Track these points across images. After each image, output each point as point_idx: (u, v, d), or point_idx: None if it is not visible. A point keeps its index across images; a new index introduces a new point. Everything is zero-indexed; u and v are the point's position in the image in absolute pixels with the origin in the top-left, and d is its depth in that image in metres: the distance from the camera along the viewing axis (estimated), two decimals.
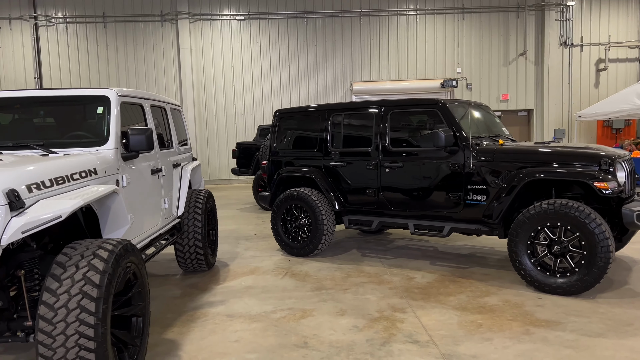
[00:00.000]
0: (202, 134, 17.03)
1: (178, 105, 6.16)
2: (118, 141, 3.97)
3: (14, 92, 4.18)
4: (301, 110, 6.90)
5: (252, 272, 5.89)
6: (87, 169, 3.49)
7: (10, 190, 2.68)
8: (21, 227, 2.65)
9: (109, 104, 4.06)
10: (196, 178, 6.31)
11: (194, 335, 4.04)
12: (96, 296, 2.72)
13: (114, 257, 2.92)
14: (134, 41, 16.75)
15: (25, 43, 16.53)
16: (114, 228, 3.63)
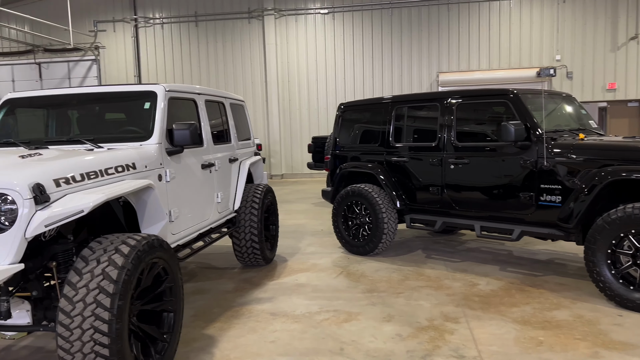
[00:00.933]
0: (286, 128, 17.26)
1: (240, 100, 6.18)
2: (162, 136, 4.01)
3: (72, 89, 4.39)
4: (365, 102, 6.64)
5: (308, 269, 5.77)
6: (125, 163, 3.55)
7: (35, 184, 2.76)
8: (44, 220, 2.72)
9: (155, 99, 4.12)
10: (257, 173, 6.32)
11: (233, 333, 3.99)
12: (112, 292, 2.73)
13: (135, 253, 2.92)
14: (223, 38, 17.34)
15: (126, 44, 17.78)
16: (151, 222, 3.67)
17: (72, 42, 16.39)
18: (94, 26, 17.62)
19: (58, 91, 4.34)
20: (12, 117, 4.41)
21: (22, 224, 2.70)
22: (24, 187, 2.72)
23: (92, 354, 2.67)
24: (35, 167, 2.93)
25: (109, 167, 3.39)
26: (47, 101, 4.43)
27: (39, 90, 4.46)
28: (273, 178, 17.09)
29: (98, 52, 17.94)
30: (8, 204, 2.74)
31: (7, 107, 4.38)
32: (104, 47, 17.93)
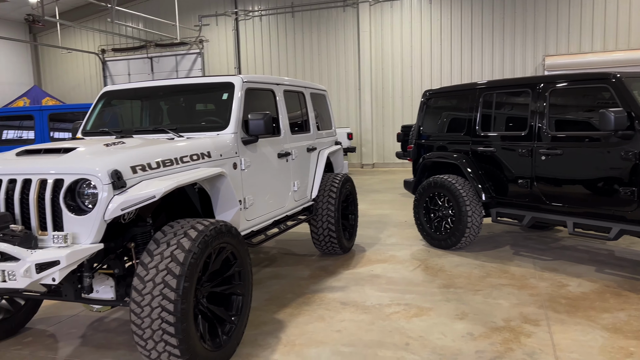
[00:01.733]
0: (378, 116, 17.09)
1: (321, 90, 6.20)
2: (238, 126, 4.14)
3: (159, 81, 4.67)
4: (451, 89, 6.36)
5: (385, 260, 5.69)
6: (200, 152, 3.72)
7: (114, 171, 2.99)
8: (120, 204, 2.94)
9: (232, 90, 4.26)
10: (337, 162, 6.32)
11: (301, 319, 4.06)
12: (178, 273, 2.89)
13: (202, 238, 3.06)
14: (318, 28, 17.51)
15: (227, 36, 18.61)
16: (224, 209, 3.82)
17: (178, 36, 17.48)
18: (198, 21, 18.64)
19: (146, 84, 4.65)
20: (109, 108, 4.80)
21: (102, 207, 2.93)
22: (104, 173, 2.95)
23: (159, 331, 2.86)
24: (115, 155, 3.17)
25: (184, 156, 3.57)
26: (137, 93, 4.76)
27: (131, 83, 4.80)
28: (364, 167, 17.05)
29: (202, 45, 18.98)
30: (90, 189, 2.99)
31: (104, 99, 4.78)
32: (207, 41, 18.92)
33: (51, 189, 2.98)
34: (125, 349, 3.63)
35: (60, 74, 21.46)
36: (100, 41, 20.37)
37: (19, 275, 2.79)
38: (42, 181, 3.02)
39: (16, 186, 3.04)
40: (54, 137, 7.70)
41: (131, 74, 20.18)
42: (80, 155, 3.16)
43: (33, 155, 3.28)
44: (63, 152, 3.26)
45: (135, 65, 20.06)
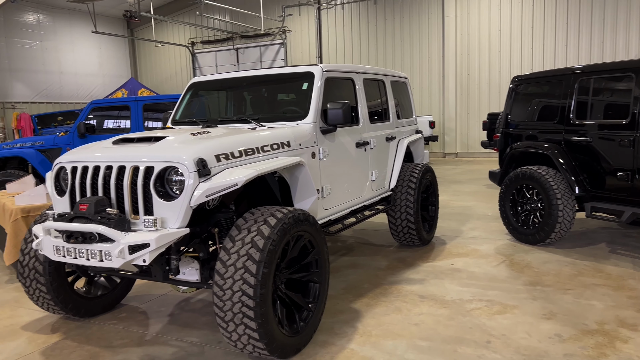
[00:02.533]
0: (463, 104, 16.48)
1: (402, 77, 6.07)
2: (317, 115, 4.16)
3: (242, 72, 4.79)
4: (542, 75, 5.97)
5: (467, 254, 5.50)
6: (280, 141, 3.78)
7: (199, 159, 3.12)
8: (205, 191, 3.06)
9: (312, 80, 4.28)
10: (418, 152, 6.18)
11: (378, 310, 4.03)
12: (258, 259, 2.97)
13: (280, 225, 3.12)
14: (401, 14, 17.16)
15: (310, 26, 18.76)
16: (302, 198, 3.86)
17: (263, 27, 17.89)
18: (282, 11, 18.94)
19: (230, 74, 4.79)
20: (196, 99, 5.01)
21: (188, 193, 3.07)
22: (190, 161, 3.09)
23: (239, 314, 2.96)
24: (200, 144, 3.30)
25: (265, 145, 3.65)
26: (222, 84, 4.93)
27: (217, 74, 4.97)
28: (447, 157, 16.57)
29: (285, 35, 19.29)
30: (178, 176, 3.14)
31: (192, 90, 4.99)
32: (290, 31, 19.20)
33: (142, 175, 3.17)
34: (209, 330, 3.80)
35: (154, 67, 22.80)
36: (190, 34, 21.35)
37: (114, 256, 3.00)
38: (134, 168, 3.21)
39: (112, 172, 3.26)
40: (147, 126, 8.20)
41: (218, 65, 20.99)
42: (169, 144, 3.32)
43: (127, 144, 3.49)
44: (153, 141, 3.45)
45: (222, 57, 20.82)
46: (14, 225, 5.03)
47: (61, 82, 20.07)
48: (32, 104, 18.96)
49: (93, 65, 21.27)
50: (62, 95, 20.13)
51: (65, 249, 3.18)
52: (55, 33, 19.77)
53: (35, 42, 19.16)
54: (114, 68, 22.17)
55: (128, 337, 3.73)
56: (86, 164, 3.37)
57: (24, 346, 3.62)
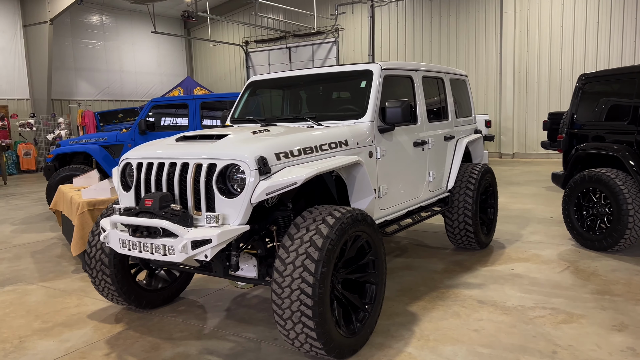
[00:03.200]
0: (521, 103, 15.93)
1: (462, 75, 5.91)
2: (375, 114, 4.11)
3: (301, 71, 4.80)
4: (612, 72, 5.65)
5: (527, 259, 5.29)
6: (338, 140, 3.76)
7: (260, 157, 3.14)
8: (265, 189, 3.08)
9: (371, 78, 4.23)
10: (476, 151, 6.01)
11: (435, 314, 3.94)
12: (317, 258, 2.95)
13: (339, 225, 3.09)
14: (457, 11, 16.77)
15: (362, 24, 18.66)
16: (359, 197, 3.82)
17: (315, 26, 17.94)
18: (335, 10, 18.92)
19: (288, 73, 4.81)
20: (254, 97, 5.07)
21: (249, 191, 3.10)
22: (252, 159, 3.11)
23: (297, 313, 2.95)
24: (261, 142, 3.33)
25: (324, 144, 3.63)
26: (280, 82, 4.95)
27: (275, 72, 5.00)
28: (503, 157, 16.06)
29: (337, 34, 19.27)
30: (239, 173, 3.18)
31: (250, 88, 5.05)
32: (342, 29, 19.17)
33: (205, 172, 3.22)
34: (265, 326, 3.83)
35: (209, 65, 23.36)
36: (243, 34, 21.72)
37: (177, 251, 3.07)
38: (197, 165, 3.27)
39: (176, 169, 3.33)
40: (204, 124, 8.39)
41: (271, 64, 21.24)
42: (231, 142, 3.36)
43: (190, 142, 3.57)
44: (215, 139, 3.50)
45: (275, 56, 21.06)
46: (80, 218, 5.26)
47: (122, 81, 20.91)
48: (94, 102, 19.86)
49: (152, 64, 22.03)
50: (123, 93, 20.96)
51: (130, 242, 3.29)
52: (117, 33, 20.61)
53: (98, 42, 20.04)
54: (171, 67, 22.87)
55: (187, 330, 3.82)
56: (151, 161, 3.47)
57: (91, 334, 3.77)
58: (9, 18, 17.13)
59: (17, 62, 17.42)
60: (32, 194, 11.73)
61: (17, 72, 17.45)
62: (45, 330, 3.88)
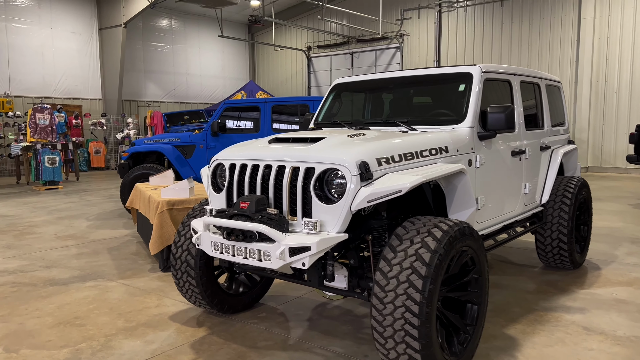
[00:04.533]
0: (597, 113, 15.04)
1: (556, 81, 5.52)
2: (475, 120, 3.85)
3: (389, 73, 4.59)
4: None
5: (629, 283, 4.83)
6: (438, 146, 3.52)
7: (362, 162, 2.95)
8: (367, 196, 2.89)
9: (471, 81, 3.97)
10: (570, 163, 5.60)
11: (538, 339, 3.60)
12: (424, 274, 2.72)
13: (447, 238, 2.85)
14: (530, 17, 16.08)
15: (429, 30, 18.26)
16: (459, 209, 3.56)
17: (381, 31, 17.71)
18: (400, 15, 18.63)
19: (378, 75, 4.61)
20: (338, 100, 4.90)
21: (349, 197, 2.92)
22: (353, 164, 2.93)
23: (401, 332, 2.73)
24: (361, 146, 3.14)
25: (424, 150, 3.41)
26: (367, 85, 4.76)
27: (362, 75, 4.82)
28: None
29: (402, 39, 18.96)
30: (338, 179, 3.00)
31: (335, 91, 4.89)
32: (407, 35, 18.84)
33: (302, 176, 3.07)
34: (351, 340, 3.63)
35: (271, 70, 23.59)
36: (306, 39, 21.78)
37: (274, 257, 2.92)
38: (294, 168, 3.12)
39: (271, 172, 3.20)
40: (275, 128, 8.34)
41: (332, 69, 21.19)
42: (329, 145, 3.19)
43: (285, 144, 3.43)
44: (310, 142, 3.34)
45: (337, 61, 20.98)
46: (160, 217, 5.26)
47: (187, 83, 21.45)
48: (161, 103, 20.46)
49: (216, 68, 22.48)
50: (188, 95, 21.50)
51: (223, 245, 3.18)
52: (185, 37, 21.18)
53: (167, 45, 20.65)
54: (234, 71, 23.27)
55: (271, 339, 3.67)
56: (245, 162, 3.35)
57: (174, 337, 3.70)
58: (86, 21, 17.94)
59: (91, 64, 18.20)
60: (104, 191, 12.11)
61: (91, 73, 18.22)
62: (130, 329, 3.84)
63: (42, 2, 16.76)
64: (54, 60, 17.14)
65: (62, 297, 4.58)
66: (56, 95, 17.28)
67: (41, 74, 16.88)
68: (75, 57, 17.71)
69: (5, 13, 15.91)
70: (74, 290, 4.77)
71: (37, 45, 16.71)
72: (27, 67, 16.48)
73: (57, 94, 17.32)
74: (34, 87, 16.73)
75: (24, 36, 16.38)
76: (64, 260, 5.84)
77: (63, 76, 17.42)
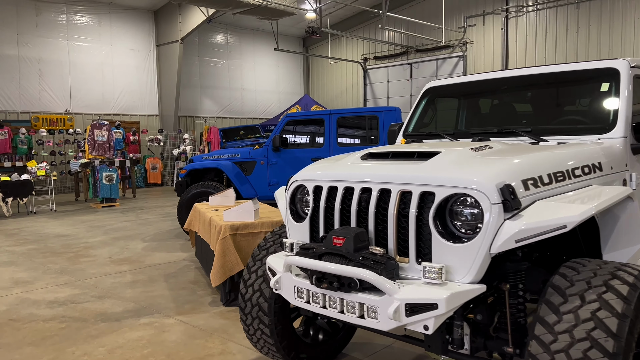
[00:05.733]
0: None
1: None
2: (628, 128, 2.97)
3: (500, 73, 3.77)
4: None
5: None
6: (591, 163, 2.66)
7: (505, 185, 2.15)
8: (515, 234, 2.08)
9: (617, 80, 3.09)
10: None
11: None
12: (612, 351, 1.87)
13: (637, 295, 1.99)
14: (611, 19, 14.73)
15: (495, 36, 17.17)
16: (619, 246, 2.66)
17: (444, 39, 16.79)
18: (463, 22, 17.65)
19: (484, 76, 3.80)
20: (432, 107, 4.11)
21: (488, 235, 2.12)
22: (492, 188, 2.13)
23: None
24: (498, 163, 2.34)
25: (576, 167, 2.56)
26: (470, 88, 3.95)
27: (458, 77, 4.01)
28: None
29: (465, 47, 17.95)
30: (469, 207, 2.21)
31: (427, 96, 4.11)
32: (471, 42, 17.82)
33: (417, 204, 2.30)
34: None
35: (325, 83, 23.06)
36: (363, 50, 21.12)
37: (383, 315, 2.16)
38: (403, 193, 2.36)
39: (371, 197, 2.45)
40: (340, 142, 7.64)
41: (390, 80, 20.39)
42: (451, 162, 2.41)
43: (384, 160, 2.68)
44: (420, 158, 2.57)
45: (395, 72, 20.18)
46: (222, 244, 4.62)
47: (242, 98, 21.22)
48: (217, 119, 20.28)
49: (271, 82, 22.18)
50: (243, 110, 21.25)
51: (311, 293, 2.44)
52: (240, 52, 21.00)
53: (222, 60, 20.53)
54: (289, 85, 22.90)
55: None
56: (334, 184, 2.62)
57: None
58: (145, 38, 18.03)
59: (149, 80, 18.24)
60: (160, 208, 11.77)
61: (148, 89, 18.25)
62: None
63: (103, 20, 16.96)
64: (113, 77, 17.26)
65: (113, 338, 3.98)
66: (114, 112, 17.37)
67: (100, 91, 17.02)
68: (133, 74, 17.80)
69: (67, 32, 16.16)
70: (127, 329, 4.17)
71: (97, 63, 16.88)
72: (87, 85, 16.65)
73: (116, 111, 17.42)
74: (94, 103, 16.87)
75: (85, 54, 16.58)
76: (117, 289, 5.30)
77: (121, 93, 17.52)
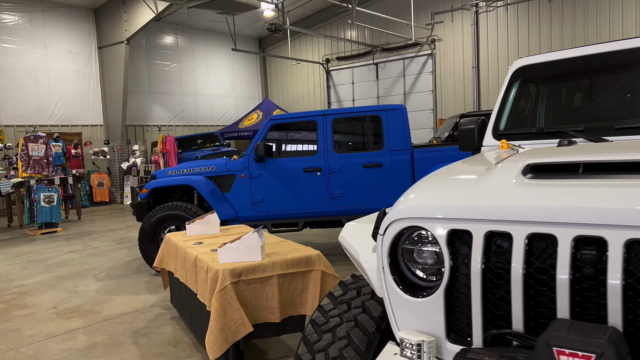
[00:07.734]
0: None
1: None
2: None
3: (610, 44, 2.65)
4: None
5: None
6: None
7: None
8: None
9: None
10: None
11: None
12: None
13: None
14: (585, 13, 14.30)
15: (465, 33, 16.48)
16: None
17: (413, 36, 15.90)
18: (430, 19, 16.88)
19: (594, 49, 2.65)
20: (526, 95, 2.93)
21: None
22: None
23: None
24: None
25: None
26: (579, 64, 2.80)
27: (565, 50, 2.86)
28: None
29: (434, 45, 17.17)
30: None
31: (518, 79, 2.92)
32: (440, 40, 17.06)
33: None
34: None
35: (285, 86, 21.77)
36: (325, 51, 20.02)
37: None
38: None
39: (609, 257, 1.21)
40: (336, 148, 6.39)
41: (355, 82, 19.39)
42: None
43: (582, 179, 1.44)
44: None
45: (360, 73, 19.18)
46: (221, 298, 3.26)
47: (196, 104, 19.59)
48: (169, 127, 18.56)
49: (226, 86, 20.66)
50: (198, 117, 19.62)
51: None
52: (192, 54, 19.39)
53: (173, 63, 18.85)
54: (246, 89, 21.46)
55: None
56: (499, 227, 1.36)
57: None
58: (84, 39, 16.12)
59: (91, 86, 16.33)
60: (112, 233, 10.08)
61: (91, 96, 16.34)
62: None
63: (35, 19, 14.95)
64: (48, 83, 15.26)
65: None
66: (52, 123, 15.37)
67: (34, 99, 14.98)
68: (72, 79, 15.85)
69: None
70: None
71: (30, 68, 14.85)
72: (18, 93, 14.59)
73: (54, 121, 15.41)
74: (27, 114, 14.81)
75: (15, 57, 14.53)
76: None
77: (59, 101, 15.53)
